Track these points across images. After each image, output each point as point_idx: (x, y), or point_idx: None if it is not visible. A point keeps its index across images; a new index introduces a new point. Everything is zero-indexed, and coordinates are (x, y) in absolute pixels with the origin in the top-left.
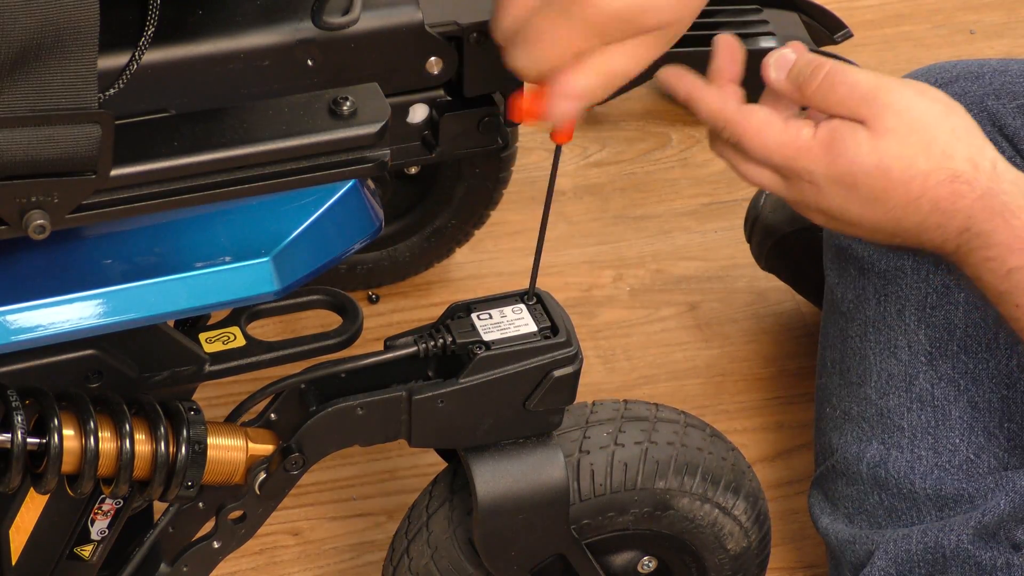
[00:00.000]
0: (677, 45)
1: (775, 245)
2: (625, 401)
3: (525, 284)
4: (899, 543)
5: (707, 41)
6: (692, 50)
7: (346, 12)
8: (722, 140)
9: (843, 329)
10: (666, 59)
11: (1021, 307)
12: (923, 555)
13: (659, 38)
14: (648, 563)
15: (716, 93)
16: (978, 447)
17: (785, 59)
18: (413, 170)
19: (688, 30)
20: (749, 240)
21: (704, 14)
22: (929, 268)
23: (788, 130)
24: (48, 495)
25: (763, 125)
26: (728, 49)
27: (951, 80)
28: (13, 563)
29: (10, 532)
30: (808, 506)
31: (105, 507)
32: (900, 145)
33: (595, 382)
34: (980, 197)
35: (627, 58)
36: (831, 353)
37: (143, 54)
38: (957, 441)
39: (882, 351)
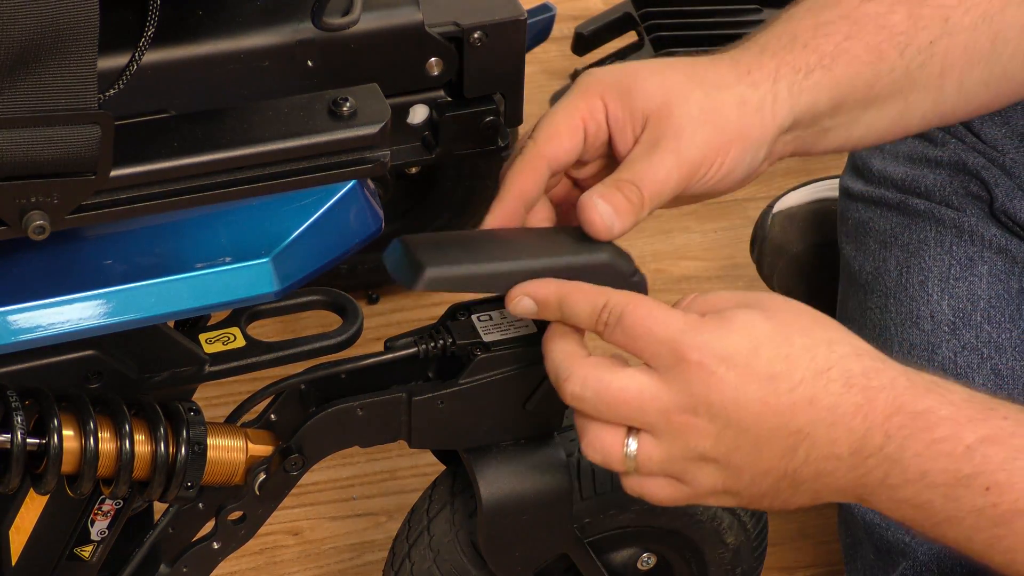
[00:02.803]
0: (677, 44)
1: (788, 264)
2: None
3: None
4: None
5: (707, 42)
6: (692, 50)
7: (346, 13)
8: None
9: (862, 301)
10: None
11: (993, 489)
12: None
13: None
14: (648, 559)
15: (587, 284)
16: None
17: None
18: (413, 170)
19: (688, 30)
20: (758, 262)
21: (704, 14)
22: (952, 240)
23: (676, 309)
24: (48, 496)
25: (648, 300)
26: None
27: None
28: (13, 563)
29: (10, 532)
30: None
31: (105, 508)
32: (795, 316)
33: None
34: (900, 374)
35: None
36: (850, 326)
37: (143, 55)
38: None
39: (903, 321)
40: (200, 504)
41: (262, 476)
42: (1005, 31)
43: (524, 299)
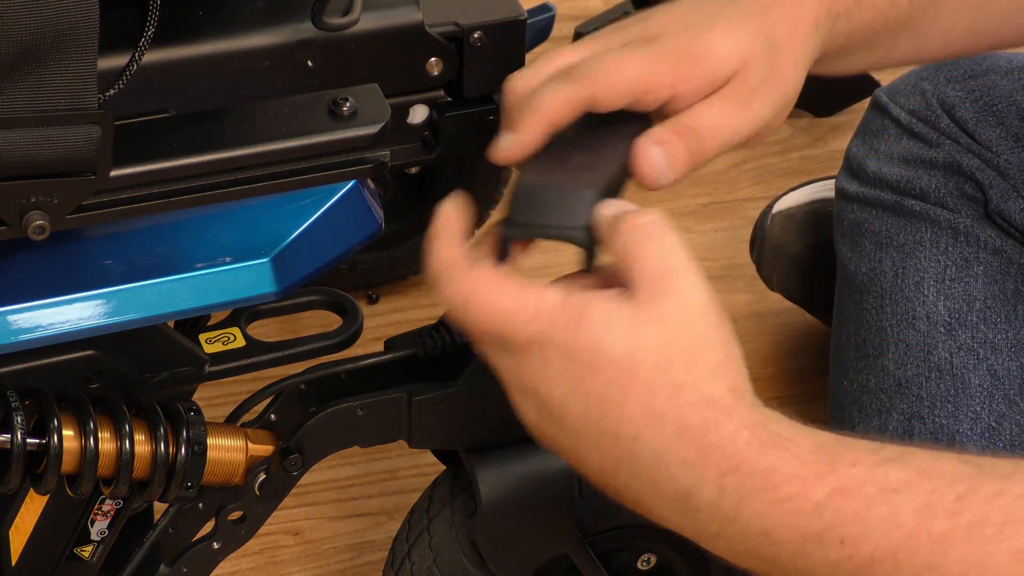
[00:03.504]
0: None
1: (787, 264)
2: None
3: None
4: None
5: None
6: None
7: (346, 13)
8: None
9: (858, 302)
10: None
11: (847, 541)
12: None
13: None
14: (648, 559)
15: (448, 245)
16: (999, 415)
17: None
18: (413, 170)
19: None
20: (757, 262)
21: None
22: (948, 241)
23: (527, 293)
24: (48, 496)
25: (498, 285)
26: (455, 211)
27: (980, 73)
28: (13, 564)
29: (10, 533)
30: None
31: (105, 508)
32: (660, 343)
33: None
34: (743, 427)
35: None
36: (846, 327)
37: (143, 55)
38: (978, 409)
39: (899, 322)
40: (200, 504)
41: (262, 476)
42: None
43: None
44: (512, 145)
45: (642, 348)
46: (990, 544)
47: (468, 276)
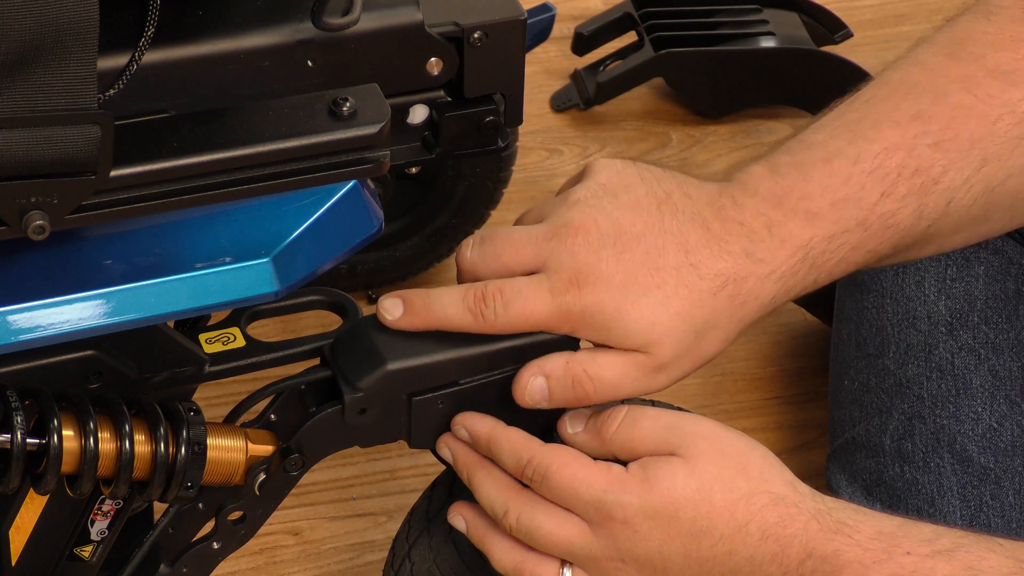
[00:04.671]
0: (677, 44)
1: None
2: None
3: None
4: None
5: (709, 41)
6: (692, 50)
7: (346, 13)
8: (506, 517)
9: (858, 301)
10: (672, 63)
11: None
12: None
13: None
14: None
15: (518, 431)
16: (1000, 415)
17: (577, 415)
18: (414, 170)
19: (688, 30)
20: None
21: (704, 14)
22: None
23: (599, 465)
24: (48, 496)
25: (572, 458)
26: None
27: None
28: (13, 564)
29: (10, 533)
30: (826, 482)
31: (105, 508)
32: (717, 467)
33: None
34: (812, 518)
35: None
36: (846, 326)
37: (143, 55)
38: (979, 410)
39: (900, 321)
40: (200, 504)
41: (262, 476)
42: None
43: (462, 430)
44: (401, 321)
45: (705, 482)
46: None
47: (549, 448)
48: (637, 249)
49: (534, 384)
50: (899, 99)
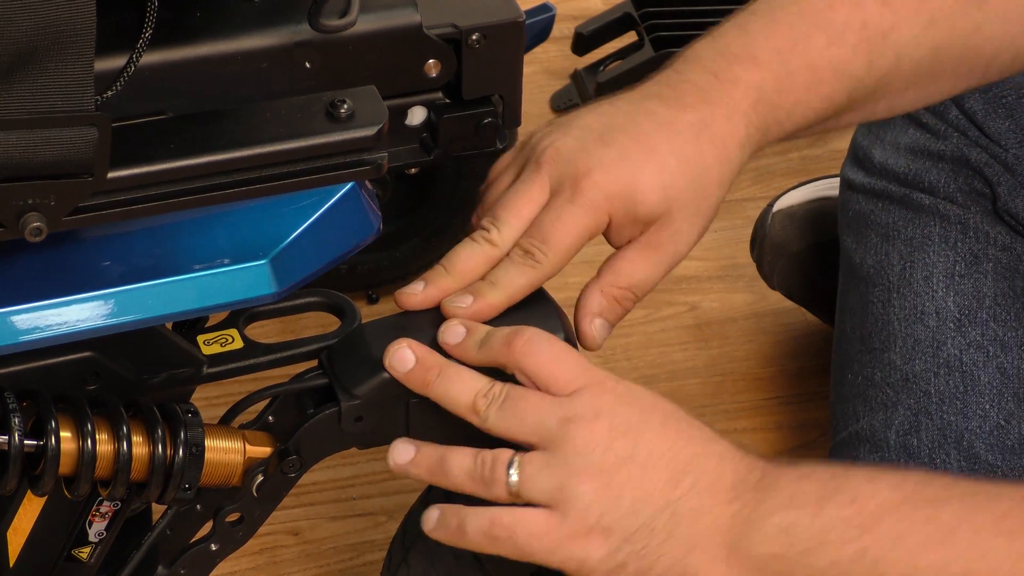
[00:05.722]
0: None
1: (787, 263)
2: None
3: None
4: None
5: None
6: None
7: (344, 14)
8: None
9: (864, 294)
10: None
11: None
12: None
13: None
14: None
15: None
16: (1008, 413)
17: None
18: (413, 171)
19: (688, 30)
20: (758, 261)
21: (704, 14)
22: (957, 236)
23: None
24: (46, 497)
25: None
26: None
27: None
28: (11, 565)
29: (8, 534)
30: None
31: (103, 509)
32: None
33: None
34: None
35: None
36: (850, 319)
37: (140, 56)
38: (987, 407)
39: (907, 317)
40: (198, 506)
41: (260, 478)
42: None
43: (406, 350)
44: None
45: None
46: None
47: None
48: (621, 136)
49: (596, 326)
50: None
